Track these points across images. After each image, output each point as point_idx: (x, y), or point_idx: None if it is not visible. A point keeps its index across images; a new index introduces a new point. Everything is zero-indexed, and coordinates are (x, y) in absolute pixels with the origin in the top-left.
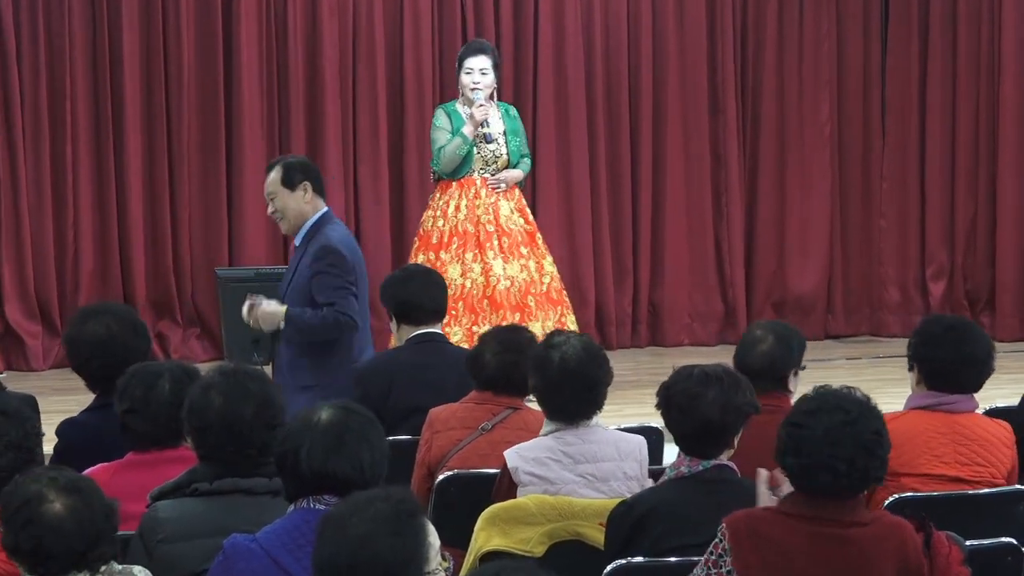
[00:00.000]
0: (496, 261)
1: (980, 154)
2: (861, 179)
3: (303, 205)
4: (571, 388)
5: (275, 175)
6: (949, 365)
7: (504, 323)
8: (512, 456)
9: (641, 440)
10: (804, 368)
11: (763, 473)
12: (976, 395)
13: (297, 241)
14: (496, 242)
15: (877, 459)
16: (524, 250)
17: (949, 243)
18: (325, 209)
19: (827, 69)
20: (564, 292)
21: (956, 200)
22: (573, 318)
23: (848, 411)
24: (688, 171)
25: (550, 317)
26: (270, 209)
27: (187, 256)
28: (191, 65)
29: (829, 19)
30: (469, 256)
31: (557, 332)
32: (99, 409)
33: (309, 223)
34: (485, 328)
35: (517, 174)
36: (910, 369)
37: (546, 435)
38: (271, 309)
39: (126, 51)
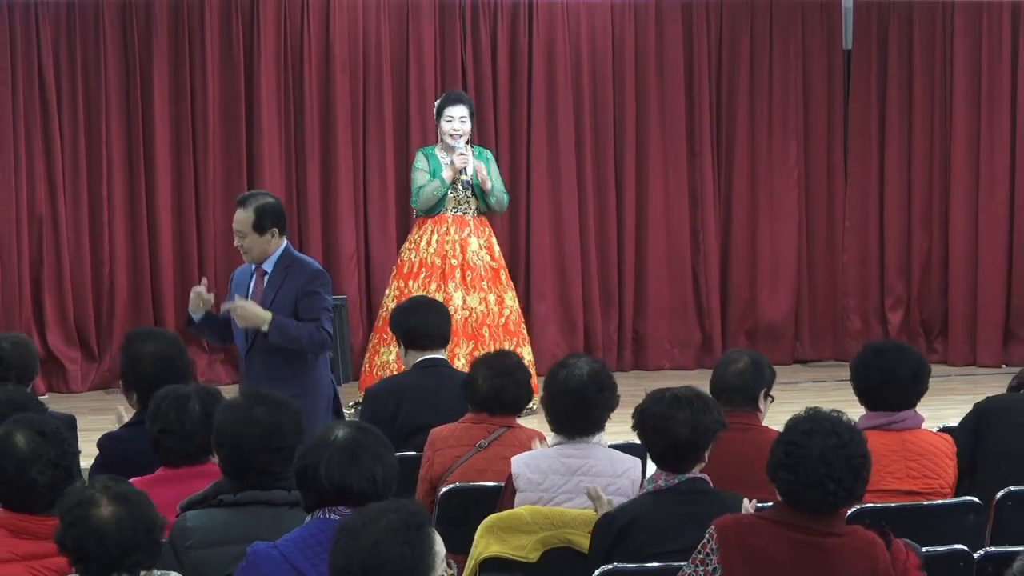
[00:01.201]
0: (457, 293)
1: (933, 196)
2: (826, 218)
3: (268, 246)
4: (570, 406)
5: (247, 217)
6: (876, 386)
7: (457, 350)
8: (517, 462)
9: (637, 462)
10: (773, 400)
11: (747, 505)
12: (929, 415)
13: (268, 268)
14: (459, 275)
15: (862, 480)
16: (486, 284)
17: (906, 276)
18: (287, 242)
19: (794, 118)
20: (522, 325)
21: (912, 237)
22: (529, 349)
23: (840, 435)
24: (668, 210)
25: (504, 347)
26: (236, 242)
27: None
28: (215, 112)
29: (796, 73)
30: (433, 286)
31: (573, 354)
32: (137, 425)
33: (277, 253)
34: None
35: (485, 177)
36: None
37: (552, 446)
38: (258, 311)
39: (156, 100)
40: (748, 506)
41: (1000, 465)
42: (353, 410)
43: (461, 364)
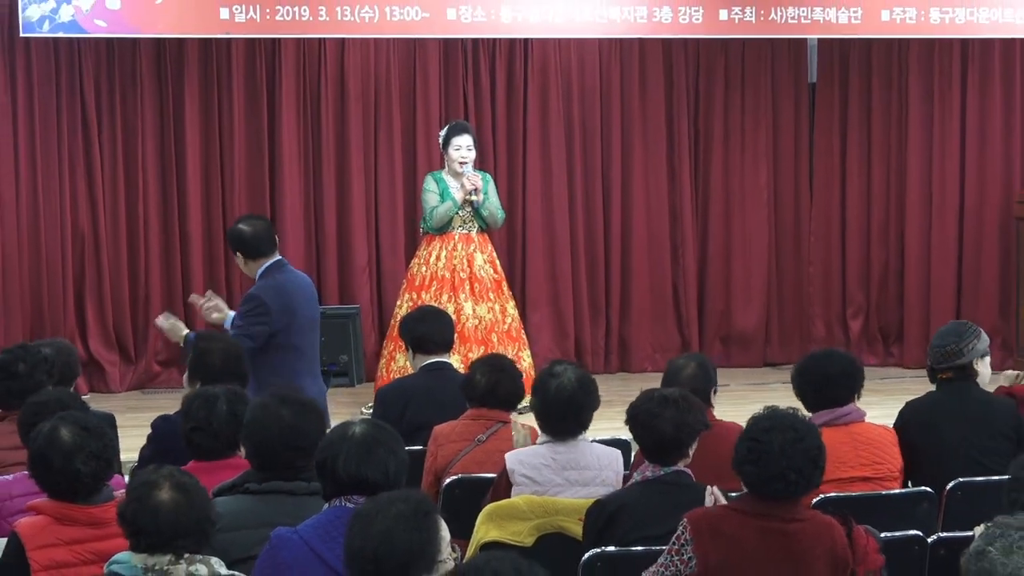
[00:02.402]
0: (467, 303)
1: (890, 216)
2: (793, 235)
3: (245, 268)
4: (562, 411)
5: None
6: (816, 387)
7: (470, 355)
8: (511, 459)
9: (618, 453)
10: (725, 385)
11: (712, 493)
12: (886, 412)
13: None
14: (468, 287)
15: (819, 469)
16: (491, 295)
17: (865, 287)
18: (269, 262)
19: (764, 145)
20: (523, 331)
21: (871, 252)
22: (528, 353)
23: (797, 430)
24: (650, 228)
25: (509, 351)
26: None
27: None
28: (241, 140)
29: (766, 104)
30: (444, 297)
31: (558, 362)
32: None
33: (258, 274)
34: (455, 357)
35: (484, 198)
36: None
37: (541, 444)
38: (219, 305)
39: (187, 129)
40: (716, 494)
41: (930, 457)
42: (370, 410)
43: (470, 364)
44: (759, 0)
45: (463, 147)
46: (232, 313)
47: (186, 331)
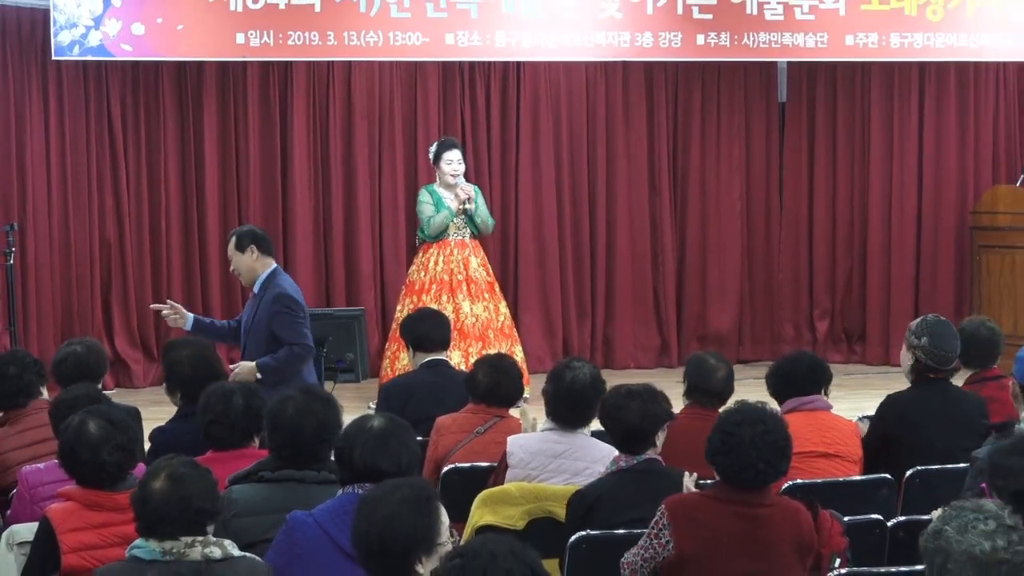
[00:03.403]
0: (465, 302)
1: (854, 225)
2: (764, 243)
3: (252, 263)
4: (572, 404)
5: (231, 243)
6: (786, 382)
7: (470, 350)
8: (512, 441)
9: (612, 449)
10: None
11: (688, 480)
12: (850, 405)
13: (256, 290)
14: (465, 288)
15: (786, 459)
16: (486, 295)
17: (831, 291)
18: (274, 266)
19: (738, 160)
20: (514, 328)
21: (836, 258)
22: (520, 348)
23: (766, 423)
24: (632, 236)
25: (502, 347)
26: (231, 268)
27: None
28: (256, 156)
29: (739, 122)
30: (444, 298)
31: (577, 358)
32: (183, 418)
33: (263, 276)
34: (455, 353)
35: (475, 207)
36: None
37: (542, 430)
38: (244, 370)
39: (206, 146)
40: (688, 482)
41: (907, 449)
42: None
43: (473, 362)
44: (733, 26)
45: (454, 161)
46: (192, 316)
47: (252, 364)
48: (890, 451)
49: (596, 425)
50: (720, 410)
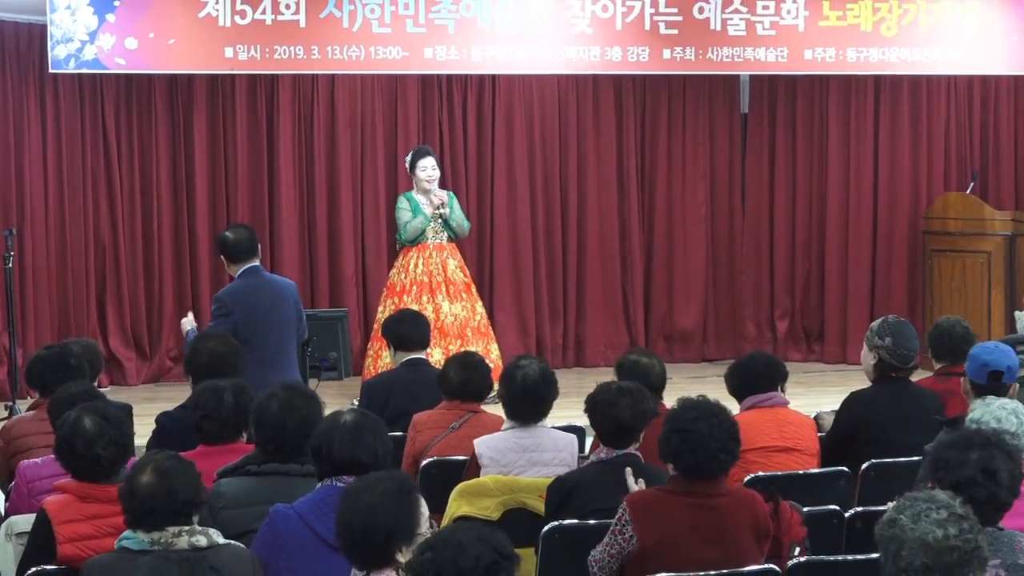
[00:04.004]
0: (444, 302)
1: (812, 229)
2: (727, 246)
3: (227, 269)
4: (526, 400)
5: None
6: (744, 381)
7: (450, 348)
8: (479, 444)
9: (574, 438)
10: (668, 378)
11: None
12: (809, 402)
13: None
14: (444, 289)
15: (738, 443)
16: (464, 295)
17: (791, 292)
18: (243, 268)
19: (703, 167)
20: (490, 327)
21: (795, 261)
22: (496, 347)
23: (716, 414)
24: (602, 240)
25: (479, 346)
26: None
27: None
28: (244, 164)
29: (704, 132)
30: (424, 299)
31: (524, 356)
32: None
33: (236, 278)
34: (436, 350)
35: (450, 212)
36: None
37: (506, 430)
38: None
39: (196, 154)
40: (631, 480)
41: (870, 443)
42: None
43: (436, 359)
44: (697, 41)
45: (428, 168)
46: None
47: (189, 327)
48: (853, 445)
49: (554, 416)
50: (670, 410)
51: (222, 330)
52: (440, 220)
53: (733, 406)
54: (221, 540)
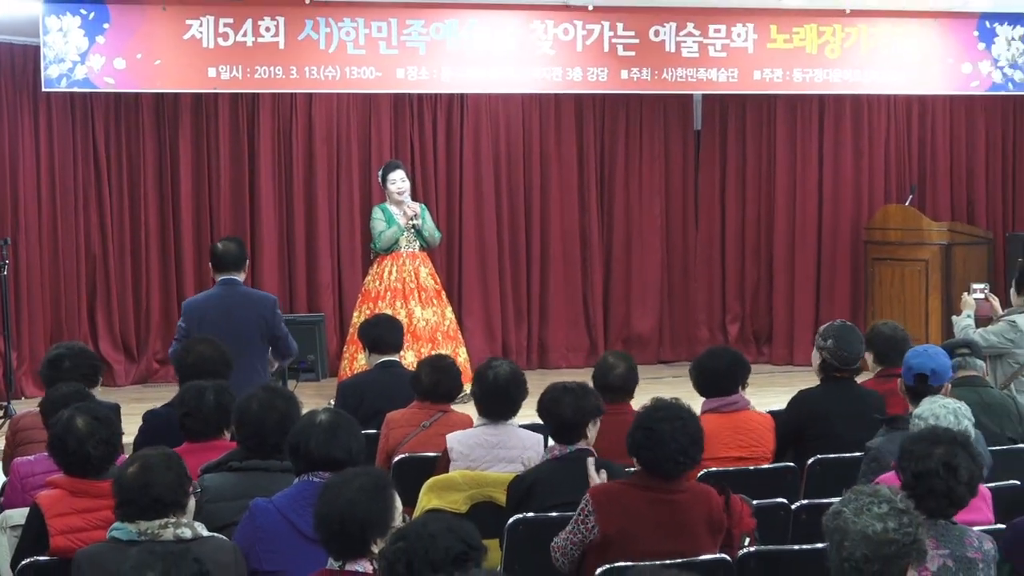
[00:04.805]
0: (417, 308)
1: (761, 239)
2: (681, 255)
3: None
4: (497, 398)
5: None
6: (708, 378)
7: (422, 351)
8: (451, 439)
9: (540, 438)
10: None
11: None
12: (758, 400)
13: None
14: (417, 295)
15: (700, 447)
16: (435, 301)
17: (741, 298)
18: (221, 278)
19: (659, 182)
20: (459, 332)
21: (745, 269)
22: (464, 350)
23: (683, 417)
24: (565, 250)
25: (448, 349)
26: None
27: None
28: (226, 177)
29: (660, 148)
30: (398, 304)
31: (495, 358)
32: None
33: None
34: (409, 353)
35: (422, 222)
36: None
37: (477, 427)
38: None
39: (181, 169)
40: (592, 470)
41: (816, 439)
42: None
43: (408, 361)
44: (653, 62)
45: (398, 180)
46: None
47: None
48: (799, 441)
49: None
50: (639, 407)
51: (179, 336)
52: (413, 230)
53: (697, 402)
54: (205, 533)
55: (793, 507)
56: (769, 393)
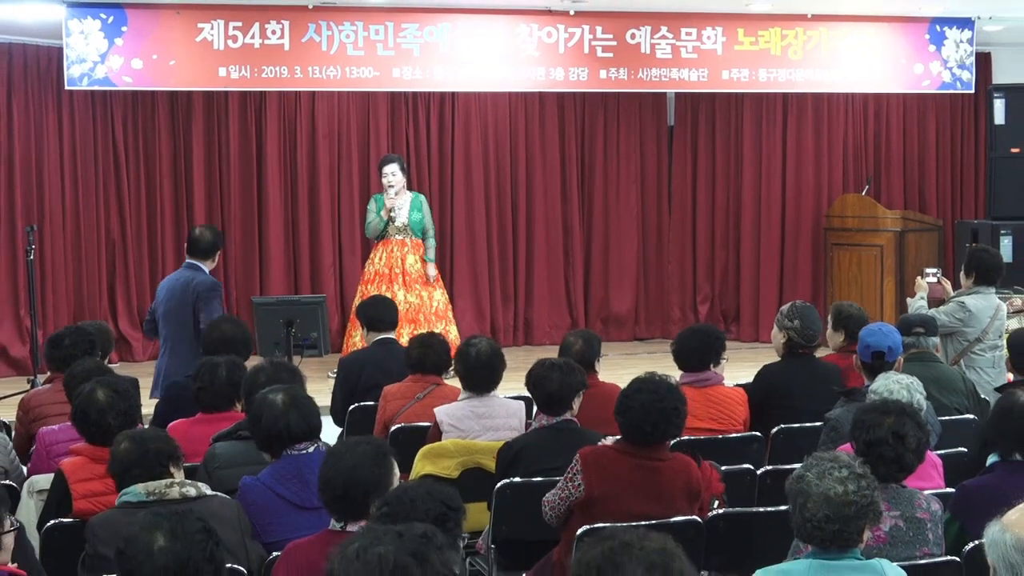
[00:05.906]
0: (400, 291)
1: (729, 225)
2: (656, 241)
3: None
4: (479, 372)
5: None
6: (686, 352)
7: (402, 332)
8: (440, 413)
9: (522, 405)
10: (605, 355)
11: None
12: (727, 375)
13: None
14: (401, 280)
15: (673, 425)
16: (418, 286)
17: (711, 280)
18: (186, 263)
19: (635, 174)
20: (450, 310)
21: (715, 253)
22: (455, 328)
23: (658, 392)
24: (548, 238)
25: (439, 327)
26: None
27: (234, 290)
28: (236, 169)
29: (636, 143)
30: (383, 288)
31: (475, 336)
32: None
33: None
34: (404, 331)
35: (430, 264)
36: None
37: (462, 400)
38: None
39: (195, 162)
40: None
41: (779, 410)
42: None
43: (404, 341)
44: (630, 63)
45: (389, 174)
46: None
47: None
48: (764, 411)
49: (506, 388)
50: (634, 378)
51: (149, 312)
52: (391, 221)
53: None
54: (208, 492)
55: (759, 473)
56: (736, 368)
